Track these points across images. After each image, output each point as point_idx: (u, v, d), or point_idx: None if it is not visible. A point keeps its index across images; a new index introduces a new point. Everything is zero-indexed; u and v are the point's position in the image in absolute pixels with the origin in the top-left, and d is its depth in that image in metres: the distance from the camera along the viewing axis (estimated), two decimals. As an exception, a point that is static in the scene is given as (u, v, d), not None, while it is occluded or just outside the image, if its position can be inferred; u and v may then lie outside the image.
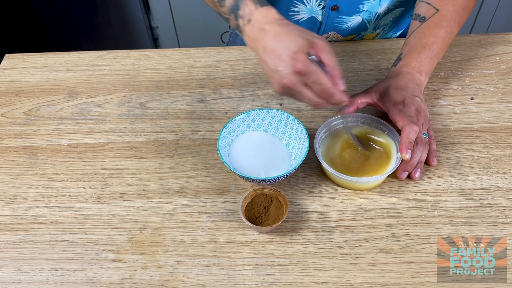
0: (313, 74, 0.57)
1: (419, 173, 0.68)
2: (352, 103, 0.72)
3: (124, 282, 0.61)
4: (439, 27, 0.74)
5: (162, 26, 1.87)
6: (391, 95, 0.70)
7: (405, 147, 0.65)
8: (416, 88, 0.71)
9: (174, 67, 0.89)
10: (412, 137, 0.65)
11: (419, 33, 0.75)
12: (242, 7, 0.64)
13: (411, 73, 0.72)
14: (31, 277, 0.61)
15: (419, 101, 0.70)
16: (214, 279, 0.60)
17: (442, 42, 0.74)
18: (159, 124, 0.79)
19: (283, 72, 0.58)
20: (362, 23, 0.89)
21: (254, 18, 0.63)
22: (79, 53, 0.92)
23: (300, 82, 0.59)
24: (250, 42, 0.63)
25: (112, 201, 0.69)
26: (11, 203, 0.69)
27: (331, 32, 0.90)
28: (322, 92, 0.59)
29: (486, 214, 0.65)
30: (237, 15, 0.65)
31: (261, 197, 0.65)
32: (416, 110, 0.68)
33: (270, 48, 0.59)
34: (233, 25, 0.68)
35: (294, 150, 0.72)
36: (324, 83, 0.58)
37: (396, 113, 0.68)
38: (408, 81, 0.71)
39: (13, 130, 0.79)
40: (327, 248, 0.63)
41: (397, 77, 0.72)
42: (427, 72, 0.74)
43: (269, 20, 0.61)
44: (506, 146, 0.73)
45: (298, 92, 0.60)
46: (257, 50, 0.62)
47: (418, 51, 0.74)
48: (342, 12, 0.85)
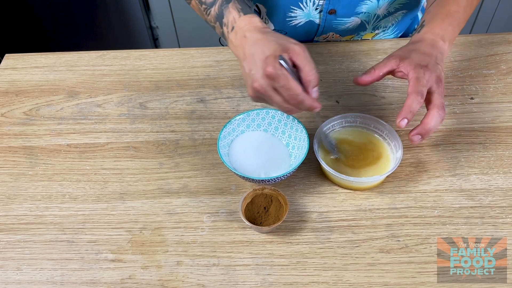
0: (281, 78, 0.57)
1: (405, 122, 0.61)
2: (370, 74, 0.67)
3: (124, 282, 0.61)
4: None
5: (162, 26, 1.86)
6: (413, 58, 0.65)
7: (403, 115, 0.61)
8: (439, 57, 0.67)
9: (174, 67, 0.89)
10: (414, 107, 0.61)
11: (442, 1, 0.72)
12: (226, 15, 0.66)
13: (435, 40, 0.68)
14: (31, 277, 0.61)
15: (441, 70, 0.66)
16: (214, 279, 0.60)
17: (463, 12, 0.72)
18: (159, 124, 0.79)
19: (255, 75, 0.59)
20: (361, 24, 0.89)
21: (237, 26, 0.64)
22: (79, 53, 0.92)
23: (270, 86, 0.59)
24: (234, 49, 0.65)
25: (112, 201, 0.69)
26: (11, 203, 0.69)
27: (330, 33, 0.90)
28: (291, 98, 0.59)
29: (486, 214, 0.65)
30: (221, 23, 0.67)
31: (261, 197, 0.65)
32: (437, 78, 0.64)
33: (248, 53, 0.60)
34: (218, 32, 0.69)
35: (294, 150, 0.72)
36: (292, 88, 0.58)
37: (414, 78, 0.63)
38: (432, 47, 0.67)
39: (13, 130, 0.79)
40: (327, 248, 0.63)
41: (421, 43, 0.68)
42: (451, 40, 0.70)
43: (251, 27, 0.63)
44: (506, 146, 0.73)
45: (267, 96, 0.60)
46: (239, 56, 0.63)
47: (442, 18, 0.70)
48: (340, 15, 0.85)
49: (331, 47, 0.90)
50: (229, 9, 0.65)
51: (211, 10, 0.68)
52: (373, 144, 0.71)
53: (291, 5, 0.84)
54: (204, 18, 0.72)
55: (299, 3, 0.83)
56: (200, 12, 0.72)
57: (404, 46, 0.70)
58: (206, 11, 0.70)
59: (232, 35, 0.65)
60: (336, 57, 0.88)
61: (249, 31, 0.62)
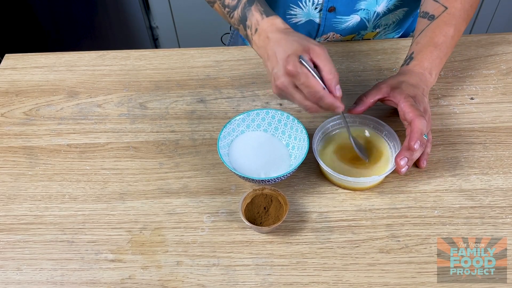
0: (301, 76, 0.59)
1: (406, 168, 0.65)
2: (363, 103, 0.71)
3: (124, 282, 0.61)
4: (449, 25, 0.74)
5: (162, 26, 1.87)
6: (403, 89, 0.69)
7: (417, 137, 0.63)
8: (425, 89, 0.71)
9: (174, 67, 0.89)
10: (423, 129, 0.64)
11: (429, 32, 0.74)
12: (249, 17, 0.67)
13: (423, 73, 0.72)
14: (31, 277, 0.61)
15: (427, 102, 0.70)
16: (214, 279, 0.60)
17: (451, 41, 0.74)
18: (159, 124, 0.79)
19: (277, 74, 0.61)
20: (361, 22, 0.89)
21: (260, 28, 0.66)
22: (79, 53, 0.92)
23: (291, 84, 0.61)
24: (258, 50, 0.67)
25: (112, 201, 0.69)
26: (11, 203, 0.69)
27: (330, 33, 0.90)
28: (311, 95, 0.60)
29: (486, 214, 0.65)
30: (245, 26, 0.68)
31: (261, 197, 0.65)
32: (423, 109, 0.68)
33: (271, 53, 0.63)
34: (243, 34, 0.71)
35: (294, 150, 0.72)
36: (312, 85, 0.59)
37: (408, 105, 0.66)
38: (420, 80, 0.71)
39: (13, 130, 0.79)
40: (327, 248, 0.63)
41: (410, 75, 0.72)
42: (437, 73, 0.74)
43: (274, 29, 0.65)
44: (506, 146, 0.73)
45: (289, 94, 0.62)
46: (263, 57, 0.65)
47: (430, 51, 0.73)
48: (340, 13, 0.85)
49: (331, 47, 0.90)
50: (252, 11, 0.67)
51: (234, 13, 0.70)
52: (372, 144, 0.71)
53: (290, 3, 0.85)
54: (227, 21, 0.74)
55: (298, 1, 0.84)
56: (223, 15, 0.74)
57: (394, 75, 0.73)
58: (230, 14, 0.71)
59: (255, 37, 0.67)
60: (336, 57, 0.88)
61: (271, 32, 0.64)
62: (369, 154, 0.70)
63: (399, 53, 0.88)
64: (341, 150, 0.71)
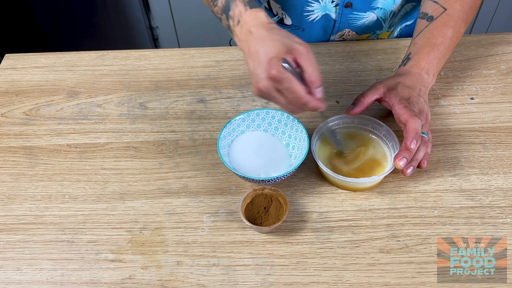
0: (285, 81, 0.57)
1: (411, 169, 0.66)
2: (360, 104, 0.71)
3: (124, 282, 0.61)
4: (447, 27, 0.74)
5: (162, 26, 1.87)
6: (398, 90, 0.69)
7: (412, 137, 0.63)
8: (422, 90, 0.71)
9: (174, 67, 0.89)
10: (418, 129, 0.64)
11: (427, 33, 0.75)
12: (232, 8, 0.65)
13: (420, 73, 0.72)
14: (31, 277, 0.61)
15: (423, 102, 0.70)
16: (214, 279, 0.60)
17: (450, 42, 0.74)
18: (159, 124, 0.79)
19: (259, 76, 0.59)
20: (377, 21, 0.89)
21: (243, 20, 0.64)
22: (79, 53, 0.92)
23: (274, 88, 0.59)
24: (239, 43, 0.65)
25: (112, 201, 0.69)
26: (11, 203, 0.69)
27: (346, 29, 0.90)
28: (294, 100, 0.59)
29: (486, 214, 0.65)
30: (228, 16, 0.66)
31: (261, 197, 0.65)
32: (419, 110, 0.68)
33: (253, 51, 0.60)
34: (224, 25, 0.68)
35: (294, 150, 0.72)
36: (295, 91, 0.58)
37: (401, 107, 0.67)
38: (417, 81, 0.71)
39: (13, 130, 0.79)
40: (327, 248, 0.63)
41: (406, 76, 0.72)
42: (435, 73, 0.74)
43: (257, 23, 0.62)
44: (506, 146, 0.73)
45: (271, 97, 0.61)
46: (244, 51, 0.63)
47: (427, 51, 0.73)
48: (356, 9, 0.86)
49: (331, 47, 0.90)
50: (236, 1, 0.65)
51: (218, 1, 0.67)
52: (371, 144, 0.72)
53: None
54: (211, 9, 0.71)
55: None
56: (207, 3, 0.72)
57: (391, 76, 0.73)
58: (214, 2, 0.69)
59: (237, 28, 0.64)
60: (336, 57, 0.88)
61: (254, 26, 0.62)
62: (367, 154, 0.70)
63: (399, 53, 0.88)
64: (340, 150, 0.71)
